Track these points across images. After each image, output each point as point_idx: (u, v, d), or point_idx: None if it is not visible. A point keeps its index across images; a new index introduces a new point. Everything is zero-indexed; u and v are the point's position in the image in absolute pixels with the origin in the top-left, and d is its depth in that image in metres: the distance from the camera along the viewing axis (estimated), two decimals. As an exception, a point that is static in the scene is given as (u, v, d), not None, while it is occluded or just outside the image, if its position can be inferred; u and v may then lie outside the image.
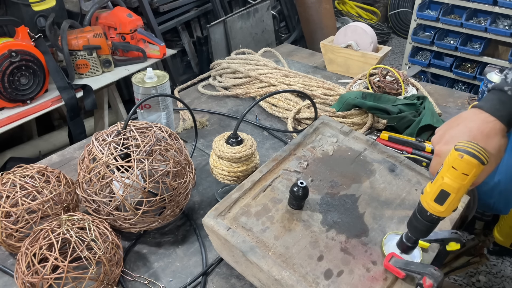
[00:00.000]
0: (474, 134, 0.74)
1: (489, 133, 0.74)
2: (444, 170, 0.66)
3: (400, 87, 1.46)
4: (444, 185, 0.66)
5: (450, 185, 0.65)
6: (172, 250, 0.96)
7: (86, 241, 0.80)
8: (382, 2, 4.76)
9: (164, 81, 1.18)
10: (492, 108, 0.76)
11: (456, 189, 0.65)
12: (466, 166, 0.63)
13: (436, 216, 0.69)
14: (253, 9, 3.03)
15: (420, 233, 0.73)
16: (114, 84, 2.17)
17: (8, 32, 1.79)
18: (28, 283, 0.78)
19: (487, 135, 0.74)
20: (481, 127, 0.75)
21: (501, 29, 3.06)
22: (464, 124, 0.77)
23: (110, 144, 0.89)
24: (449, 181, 0.65)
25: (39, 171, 0.95)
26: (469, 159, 0.63)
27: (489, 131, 0.74)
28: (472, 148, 0.64)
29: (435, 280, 0.70)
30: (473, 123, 0.76)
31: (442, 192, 0.66)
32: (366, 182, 0.96)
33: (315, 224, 0.85)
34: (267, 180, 0.93)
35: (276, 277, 0.75)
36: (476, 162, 0.63)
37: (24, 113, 1.73)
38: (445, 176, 0.66)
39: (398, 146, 1.19)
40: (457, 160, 0.64)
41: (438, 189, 0.67)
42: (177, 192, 0.93)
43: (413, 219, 0.73)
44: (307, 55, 1.95)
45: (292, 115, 1.36)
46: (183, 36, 2.94)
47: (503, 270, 2.13)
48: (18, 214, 0.87)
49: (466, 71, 3.36)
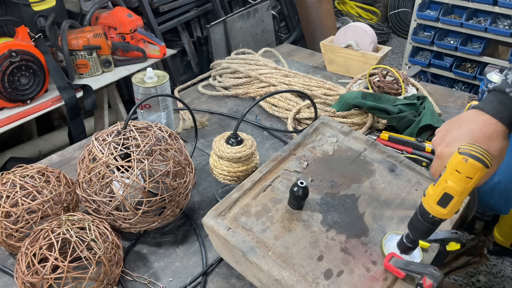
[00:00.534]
0: (476, 136, 0.74)
1: (491, 135, 0.74)
2: (448, 173, 0.66)
3: (400, 87, 1.45)
4: (447, 188, 0.66)
5: (453, 188, 0.65)
6: (172, 250, 0.96)
7: (86, 241, 0.80)
8: (382, 2, 4.76)
9: (164, 81, 1.19)
10: (494, 110, 0.76)
11: (460, 192, 0.65)
12: (471, 169, 0.63)
13: (439, 218, 0.69)
14: (253, 9, 3.03)
15: (421, 234, 0.73)
16: (114, 84, 2.17)
17: (8, 32, 1.79)
18: (28, 283, 0.78)
19: (490, 137, 0.74)
20: (483, 129, 0.74)
21: (501, 29, 3.06)
22: (466, 125, 0.76)
23: (110, 144, 0.89)
24: (452, 185, 0.65)
25: (39, 171, 0.95)
26: (473, 163, 0.63)
27: (491, 133, 0.74)
28: (476, 152, 0.63)
29: (435, 280, 0.70)
30: (474, 124, 0.76)
31: (445, 195, 0.66)
32: (366, 182, 0.96)
33: (315, 224, 0.85)
34: (267, 180, 0.93)
35: (276, 277, 0.75)
36: (481, 166, 0.63)
37: (24, 113, 1.73)
38: (449, 179, 0.65)
39: (398, 146, 1.19)
40: (461, 164, 0.63)
41: (441, 192, 0.67)
42: (177, 192, 0.93)
43: (414, 220, 0.73)
44: (307, 55, 1.95)
45: (292, 115, 1.36)
46: (183, 36, 2.94)
47: (503, 270, 2.13)
48: (18, 214, 0.87)
49: (466, 71, 3.36)
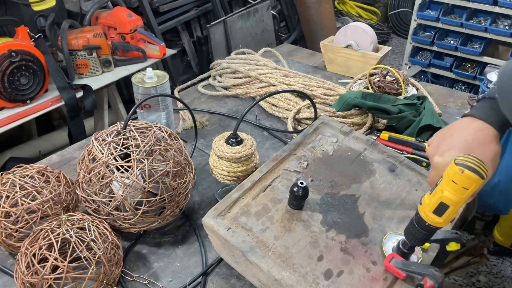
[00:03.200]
0: (470, 143, 0.75)
1: (484, 140, 0.75)
2: (444, 184, 0.66)
3: (400, 87, 1.45)
4: (443, 198, 0.66)
5: (449, 199, 0.66)
6: (172, 250, 0.96)
7: (86, 241, 0.80)
8: (382, 2, 4.76)
9: (164, 81, 1.18)
10: (484, 114, 0.76)
11: (456, 202, 0.66)
12: (467, 181, 0.64)
13: (434, 227, 0.70)
14: (253, 9, 3.03)
15: (417, 241, 0.74)
16: (114, 84, 2.17)
17: (8, 32, 1.78)
18: (28, 283, 0.78)
19: (483, 143, 0.74)
20: (475, 135, 0.75)
21: (501, 29, 3.06)
22: (458, 133, 0.77)
23: (110, 144, 0.89)
24: (449, 195, 0.66)
25: (39, 171, 0.95)
26: (469, 174, 0.63)
27: (484, 138, 0.75)
28: (472, 163, 0.64)
29: (436, 281, 0.70)
30: (467, 131, 0.76)
31: (441, 204, 0.67)
32: (366, 182, 0.96)
33: (315, 224, 0.85)
34: (267, 180, 0.93)
35: (276, 277, 0.75)
36: (477, 177, 0.63)
37: (24, 113, 1.73)
38: (445, 189, 0.66)
39: (398, 146, 1.19)
40: (457, 175, 0.64)
41: (437, 201, 0.67)
42: (177, 192, 0.92)
43: (411, 227, 0.74)
44: (307, 55, 1.94)
45: (292, 115, 1.36)
46: (183, 36, 2.94)
47: (503, 270, 2.13)
48: (18, 214, 0.87)
49: (466, 71, 3.36)
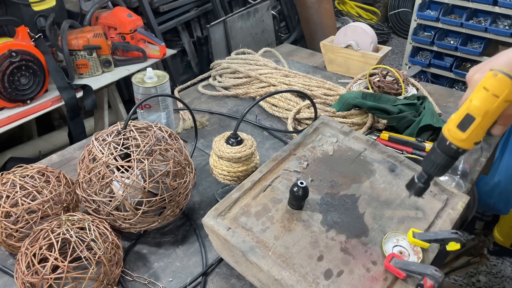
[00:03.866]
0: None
1: None
2: (474, 92, 0.62)
3: (400, 87, 1.45)
4: (471, 107, 0.61)
5: (477, 107, 0.61)
6: (172, 250, 0.96)
7: (86, 241, 0.80)
8: (382, 2, 4.76)
9: (164, 81, 1.18)
10: None
11: (483, 112, 0.61)
12: (499, 85, 0.60)
13: (456, 147, 0.64)
14: (253, 9, 3.03)
15: (436, 168, 0.67)
16: (114, 84, 2.17)
17: (8, 32, 1.79)
18: (28, 283, 0.78)
19: None
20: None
21: (501, 29, 3.06)
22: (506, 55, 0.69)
23: (110, 144, 0.89)
24: (477, 103, 0.61)
25: (39, 171, 0.95)
26: (503, 78, 0.59)
27: None
28: (509, 70, 0.60)
29: (436, 281, 0.70)
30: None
31: (467, 116, 0.62)
32: (366, 182, 0.96)
33: (315, 224, 0.85)
34: (267, 180, 0.93)
35: (276, 277, 0.75)
36: (510, 82, 0.59)
37: (24, 113, 1.73)
38: (474, 98, 0.61)
39: (398, 146, 1.19)
40: (490, 79, 0.60)
41: (463, 113, 0.62)
42: (177, 192, 0.93)
43: (431, 152, 0.68)
44: (307, 55, 1.94)
45: (292, 115, 1.36)
46: (183, 36, 2.94)
47: (503, 270, 2.14)
48: (18, 214, 0.87)
49: (466, 71, 3.36)
